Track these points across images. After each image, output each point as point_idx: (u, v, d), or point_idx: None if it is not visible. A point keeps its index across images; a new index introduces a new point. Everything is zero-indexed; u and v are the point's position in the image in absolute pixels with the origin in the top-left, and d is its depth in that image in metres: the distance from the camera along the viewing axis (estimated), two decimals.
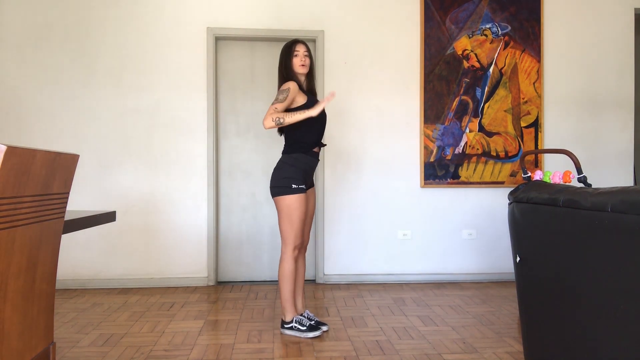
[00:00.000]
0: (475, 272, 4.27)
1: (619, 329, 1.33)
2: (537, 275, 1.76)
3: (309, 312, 3.00)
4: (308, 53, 2.91)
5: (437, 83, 4.21)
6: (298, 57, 2.87)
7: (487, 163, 4.26)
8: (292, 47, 2.89)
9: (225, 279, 4.21)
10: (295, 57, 2.87)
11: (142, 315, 3.25)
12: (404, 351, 2.59)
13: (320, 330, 2.85)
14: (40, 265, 1.37)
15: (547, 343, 1.72)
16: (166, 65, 4.06)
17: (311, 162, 2.89)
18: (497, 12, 4.26)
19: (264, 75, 4.21)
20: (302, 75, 2.91)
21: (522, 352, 2.52)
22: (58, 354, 2.55)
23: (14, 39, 3.96)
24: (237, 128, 4.22)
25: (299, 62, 2.86)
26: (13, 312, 1.24)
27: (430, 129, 4.21)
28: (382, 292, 3.89)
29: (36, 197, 1.29)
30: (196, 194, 4.08)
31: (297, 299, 3.00)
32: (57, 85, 3.99)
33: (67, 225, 1.66)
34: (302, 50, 2.89)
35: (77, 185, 3.96)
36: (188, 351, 2.60)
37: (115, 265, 4.03)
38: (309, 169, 2.89)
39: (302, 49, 2.89)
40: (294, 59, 2.87)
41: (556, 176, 2.68)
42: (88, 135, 4.01)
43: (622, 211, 1.29)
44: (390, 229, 4.22)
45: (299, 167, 2.82)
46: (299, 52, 2.88)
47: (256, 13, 4.12)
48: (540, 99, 4.29)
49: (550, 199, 1.64)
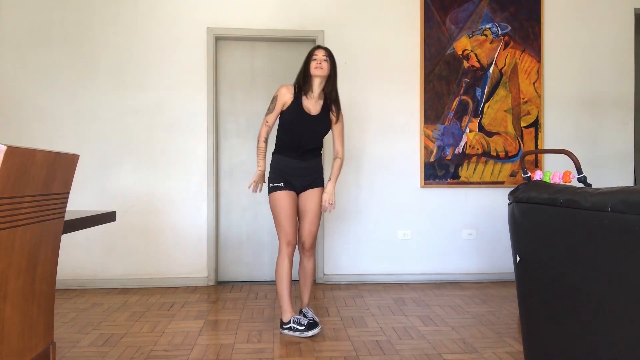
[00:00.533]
0: (475, 272, 4.27)
1: (619, 329, 1.33)
2: (537, 275, 1.76)
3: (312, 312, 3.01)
4: (328, 58, 2.96)
5: (437, 83, 4.21)
6: (315, 60, 2.93)
7: (487, 163, 4.26)
8: (312, 51, 2.99)
9: (225, 279, 4.21)
10: (313, 60, 2.94)
11: (142, 315, 3.25)
12: (404, 351, 2.59)
13: (319, 327, 2.86)
14: (40, 265, 1.37)
15: (547, 343, 1.72)
16: (166, 65, 4.06)
17: (289, 162, 2.96)
18: (497, 12, 4.26)
19: (264, 75, 4.21)
20: (317, 77, 2.94)
21: (522, 352, 2.52)
22: (58, 354, 2.55)
23: (14, 39, 3.96)
24: (237, 128, 4.22)
25: (314, 65, 2.92)
26: (13, 312, 1.24)
27: (430, 129, 4.21)
28: (382, 292, 3.89)
29: (36, 197, 1.29)
30: (196, 194, 4.08)
31: (302, 297, 3.06)
32: (57, 86, 3.99)
33: (67, 225, 1.66)
34: (320, 54, 2.96)
35: (77, 185, 3.95)
36: (188, 351, 2.60)
37: (115, 265, 4.03)
38: (288, 169, 2.96)
39: (320, 53, 2.97)
40: (311, 62, 2.94)
41: (556, 176, 2.68)
42: (88, 135, 4.01)
43: (622, 211, 1.29)
44: (390, 229, 4.22)
45: (275, 167, 2.98)
46: (317, 55, 2.95)
47: (256, 13, 4.12)
48: (540, 99, 4.29)
49: (550, 199, 1.64)
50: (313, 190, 3.01)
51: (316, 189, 3.01)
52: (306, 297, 3.07)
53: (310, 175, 3.01)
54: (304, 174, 2.99)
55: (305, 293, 3.06)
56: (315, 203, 3.00)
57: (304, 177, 2.99)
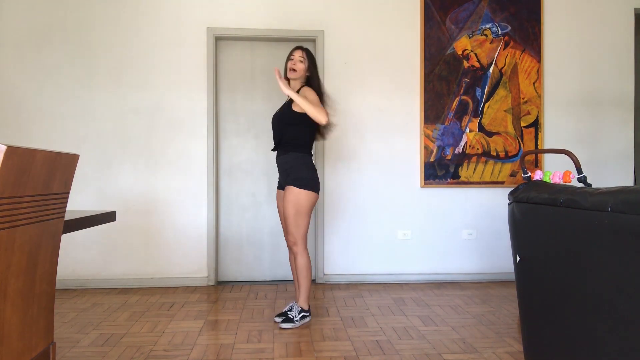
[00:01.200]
0: (475, 272, 4.27)
1: (619, 329, 1.33)
2: (537, 275, 1.76)
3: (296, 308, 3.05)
4: (305, 59, 3.02)
5: (437, 83, 4.21)
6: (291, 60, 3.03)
7: (487, 163, 4.26)
8: (290, 52, 3.07)
9: (225, 279, 4.21)
10: (290, 60, 3.04)
11: (142, 315, 3.25)
12: (404, 351, 2.59)
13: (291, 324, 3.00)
14: (40, 265, 1.37)
15: (547, 343, 1.72)
16: (166, 65, 4.06)
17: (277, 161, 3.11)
18: (497, 12, 4.26)
19: (264, 75, 4.21)
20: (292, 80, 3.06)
21: (522, 352, 2.52)
22: (58, 354, 2.55)
23: (14, 39, 3.96)
24: (237, 128, 4.22)
25: (289, 66, 3.04)
26: (13, 312, 1.24)
27: (430, 128, 4.21)
28: (382, 292, 3.89)
29: (36, 197, 1.29)
30: (196, 194, 4.08)
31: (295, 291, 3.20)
32: (57, 85, 3.99)
33: (67, 225, 1.66)
34: (296, 55, 3.04)
35: (77, 185, 3.96)
36: (188, 351, 2.60)
37: (115, 265, 4.03)
38: (279, 168, 3.10)
39: (297, 54, 3.05)
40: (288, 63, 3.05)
41: (556, 176, 2.68)
42: (88, 135, 4.01)
43: (622, 211, 1.29)
44: (390, 229, 4.22)
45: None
46: (293, 57, 3.03)
47: (256, 13, 4.12)
48: (540, 99, 4.29)
49: (550, 199, 1.64)
50: (286, 189, 2.99)
51: (287, 187, 2.98)
52: (297, 292, 3.14)
53: (285, 171, 3.01)
54: (280, 169, 3.08)
55: (296, 288, 3.14)
56: (283, 203, 3.01)
57: (281, 174, 3.08)
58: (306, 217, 2.98)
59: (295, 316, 2.98)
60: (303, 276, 3.02)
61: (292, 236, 2.99)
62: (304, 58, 3.00)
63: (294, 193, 2.93)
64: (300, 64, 2.98)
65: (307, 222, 3.00)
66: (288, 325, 2.95)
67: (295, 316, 2.98)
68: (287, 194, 2.96)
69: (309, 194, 2.94)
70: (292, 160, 2.98)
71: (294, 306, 3.03)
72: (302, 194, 2.93)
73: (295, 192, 2.93)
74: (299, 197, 2.92)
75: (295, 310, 3.00)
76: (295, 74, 3.00)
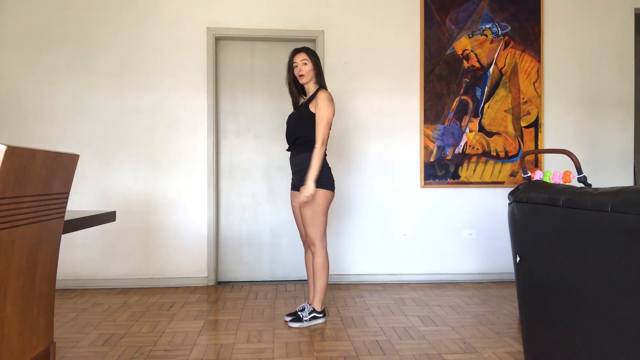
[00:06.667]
0: (475, 272, 4.27)
1: (619, 329, 1.33)
2: (537, 275, 1.76)
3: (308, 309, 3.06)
4: (307, 59, 3.00)
5: (437, 83, 4.21)
6: (296, 67, 3.02)
7: (487, 163, 4.26)
8: (290, 59, 3.03)
9: (225, 279, 4.21)
10: (295, 67, 3.03)
11: (142, 315, 3.25)
12: (404, 351, 2.59)
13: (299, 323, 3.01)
14: (40, 265, 1.37)
15: (547, 343, 1.72)
16: (166, 65, 4.06)
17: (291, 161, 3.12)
18: (497, 12, 4.26)
19: (264, 75, 4.21)
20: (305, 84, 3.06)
21: (522, 352, 2.52)
22: (58, 354, 2.55)
23: (14, 39, 3.96)
24: (237, 128, 4.22)
25: (297, 73, 3.02)
26: (13, 312, 1.24)
27: (430, 129, 4.21)
28: (382, 292, 3.88)
29: (36, 197, 1.29)
30: (196, 194, 4.08)
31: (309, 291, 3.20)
32: (57, 85, 3.99)
33: (67, 225, 1.66)
34: (298, 59, 3.02)
35: (77, 185, 3.96)
36: (188, 351, 2.60)
37: (115, 265, 4.03)
38: (292, 169, 3.10)
39: (298, 58, 3.02)
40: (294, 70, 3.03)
41: (556, 176, 2.68)
42: (88, 135, 4.01)
43: (622, 211, 1.29)
44: (390, 229, 4.22)
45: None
46: (296, 62, 3.01)
47: (256, 13, 4.12)
48: (540, 99, 4.29)
49: (550, 199, 1.64)
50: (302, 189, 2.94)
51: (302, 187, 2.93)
52: (310, 293, 3.11)
53: (300, 171, 2.99)
54: (294, 170, 3.06)
55: (310, 289, 3.13)
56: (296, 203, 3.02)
57: (295, 174, 3.06)
58: (323, 216, 2.95)
59: (305, 316, 2.99)
60: (319, 276, 3.00)
61: (309, 236, 2.98)
62: (307, 59, 2.98)
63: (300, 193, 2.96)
64: (305, 67, 2.97)
65: (324, 221, 2.97)
66: (296, 324, 2.97)
67: (305, 316, 3.00)
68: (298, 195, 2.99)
69: (325, 193, 2.92)
70: (307, 160, 2.93)
71: (305, 306, 3.04)
72: (319, 193, 2.90)
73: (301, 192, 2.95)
74: (315, 196, 2.89)
75: (306, 311, 3.02)
76: (305, 78, 2.99)
